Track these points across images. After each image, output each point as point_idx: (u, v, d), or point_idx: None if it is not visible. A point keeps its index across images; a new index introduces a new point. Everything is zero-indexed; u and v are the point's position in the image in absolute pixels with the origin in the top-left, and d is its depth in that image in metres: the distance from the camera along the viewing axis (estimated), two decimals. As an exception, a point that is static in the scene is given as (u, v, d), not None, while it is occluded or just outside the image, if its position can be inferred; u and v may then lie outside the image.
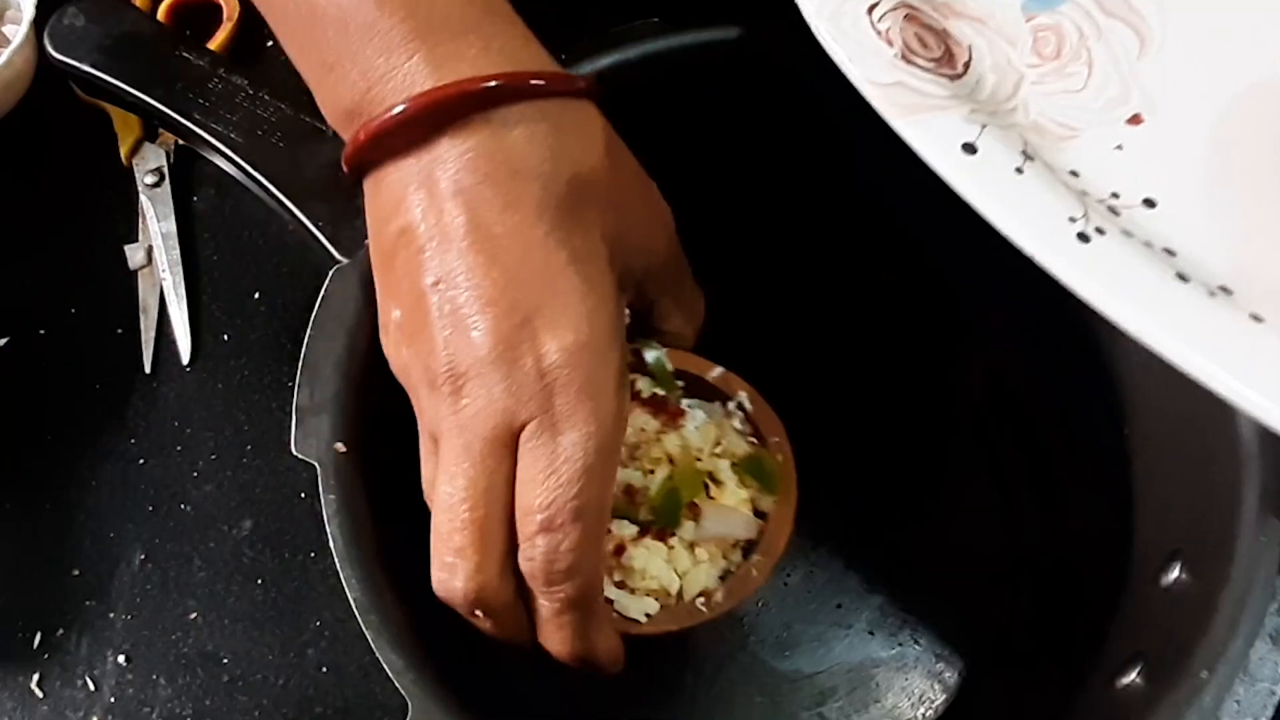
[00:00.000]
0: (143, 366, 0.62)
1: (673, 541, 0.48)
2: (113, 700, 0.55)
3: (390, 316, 0.43)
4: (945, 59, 0.42)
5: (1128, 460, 0.52)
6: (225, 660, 0.56)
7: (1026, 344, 0.59)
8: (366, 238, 0.44)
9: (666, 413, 0.50)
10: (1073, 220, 0.38)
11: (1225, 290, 0.38)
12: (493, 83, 0.40)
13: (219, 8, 0.71)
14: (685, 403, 0.51)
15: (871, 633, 0.56)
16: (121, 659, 0.56)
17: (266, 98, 0.54)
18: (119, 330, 0.63)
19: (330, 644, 0.56)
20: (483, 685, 0.45)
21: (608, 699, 0.50)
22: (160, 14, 0.69)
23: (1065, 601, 0.54)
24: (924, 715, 0.52)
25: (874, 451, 0.60)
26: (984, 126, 0.40)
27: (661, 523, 0.48)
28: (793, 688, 0.56)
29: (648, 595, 0.47)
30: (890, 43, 0.41)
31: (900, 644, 0.56)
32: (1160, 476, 0.53)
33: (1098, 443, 0.51)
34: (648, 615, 0.47)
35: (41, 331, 0.63)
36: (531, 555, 0.40)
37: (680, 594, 0.48)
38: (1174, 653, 0.46)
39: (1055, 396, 0.58)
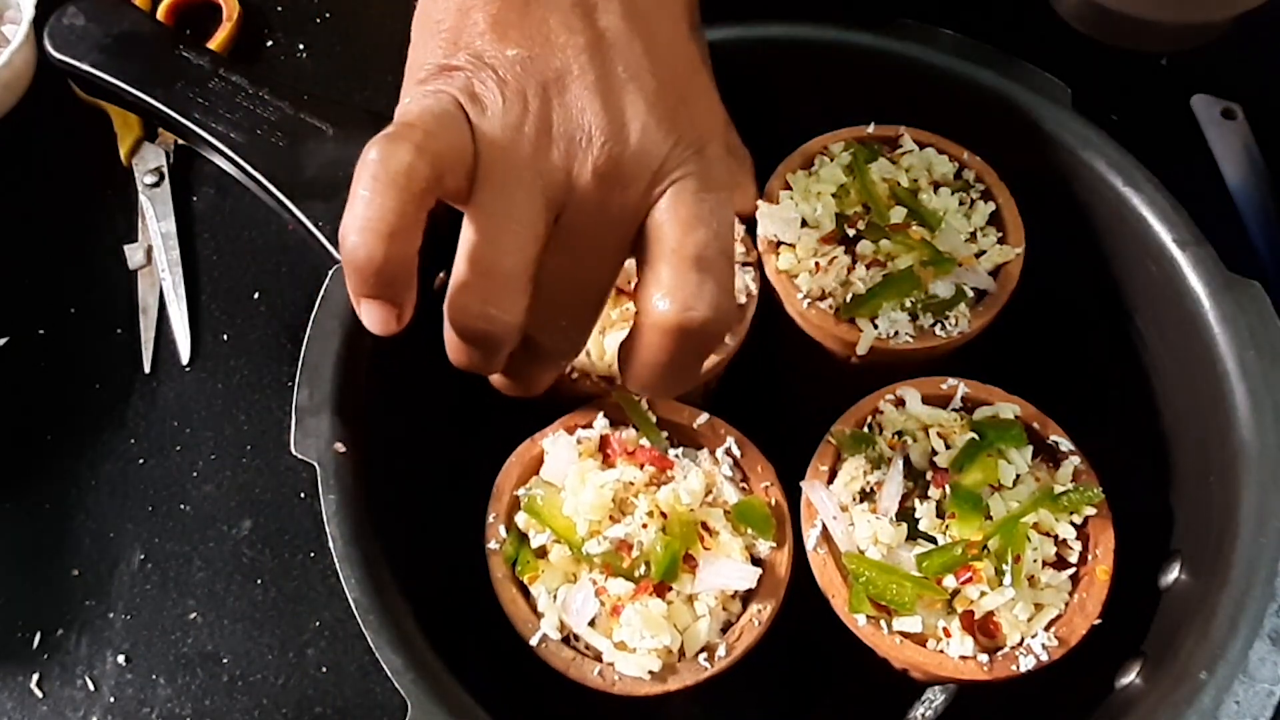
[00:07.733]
0: (142, 366, 0.62)
1: (670, 596, 0.46)
2: (112, 700, 0.55)
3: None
4: None
5: (1129, 461, 0.52)
6: (225, 660, 0.56)
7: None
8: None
9: (654, 464, 0.48)
10: None
11: None
12: None
13: (219, 7, 0.71)
14: (672, 452, 0.49)
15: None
16: (121, 659, 0.56)
17: (266, 97, 0.54)
18: (119, 330, 0.63)
19: (330, 644, 0.56)
20: (482, 686, 0.45)
21: (606, 698, 0.50)
22: (160, 13, 0.69)
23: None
24: (924, 715, 0.52)
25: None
26: None
27: (658, 578, 0.46)
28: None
29: (648, 654, 0.45)
30: None
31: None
32: (1161, 478, 0.53)
33: (1099, 443, 0.51)
34: (650, 673, 0.45)
35: (41, 331, 0.63)
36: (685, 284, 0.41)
37: (682, 651, 0.46)
38: (1174, 653, 0.46)
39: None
